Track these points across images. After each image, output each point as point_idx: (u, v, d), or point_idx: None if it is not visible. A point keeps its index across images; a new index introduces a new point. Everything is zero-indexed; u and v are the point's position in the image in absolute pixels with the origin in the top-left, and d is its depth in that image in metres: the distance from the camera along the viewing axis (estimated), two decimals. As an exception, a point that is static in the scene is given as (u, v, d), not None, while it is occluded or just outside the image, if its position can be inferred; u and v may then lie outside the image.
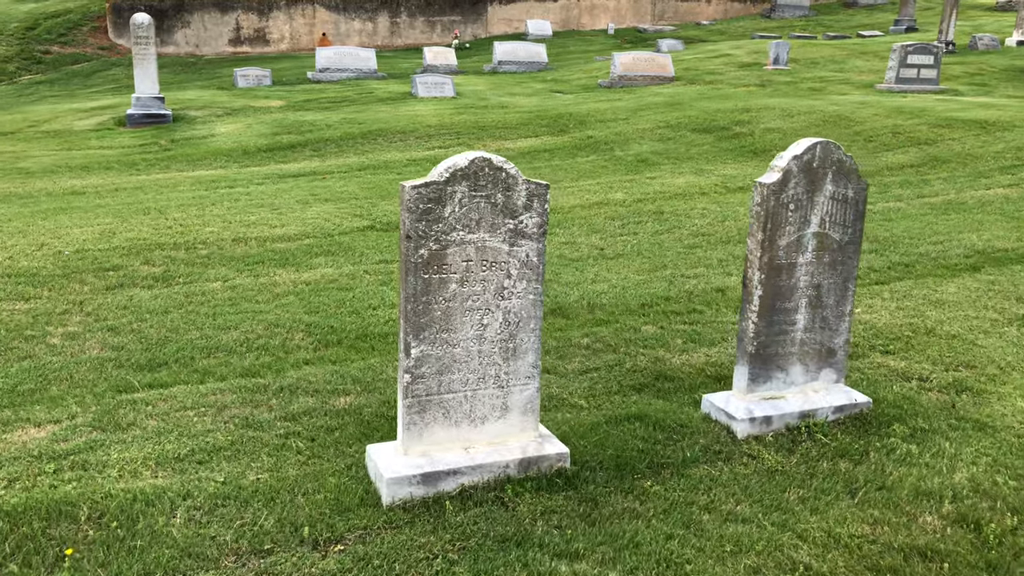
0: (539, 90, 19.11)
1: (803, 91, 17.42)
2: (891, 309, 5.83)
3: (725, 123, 13.51)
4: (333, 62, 21.33)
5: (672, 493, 3.43)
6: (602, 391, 4.51)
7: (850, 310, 4.08)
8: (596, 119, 14.50)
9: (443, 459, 3.36)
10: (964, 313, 5.71)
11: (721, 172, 11.01)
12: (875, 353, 4.99)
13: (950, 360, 4.86)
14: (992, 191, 9.91)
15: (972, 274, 6.76)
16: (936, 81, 17.86)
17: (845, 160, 3.87)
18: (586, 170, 11.35)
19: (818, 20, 35.51)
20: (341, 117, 15.02)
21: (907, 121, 13.13)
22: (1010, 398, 4.34)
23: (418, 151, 12.74)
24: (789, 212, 3.80)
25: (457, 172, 3.18)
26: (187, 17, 27.71)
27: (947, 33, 23.60)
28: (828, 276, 3.98)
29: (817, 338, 4.04)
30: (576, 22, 33.74)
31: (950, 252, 7.47)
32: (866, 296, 6.17)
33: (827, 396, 4.07)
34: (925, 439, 3.88)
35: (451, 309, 3.28)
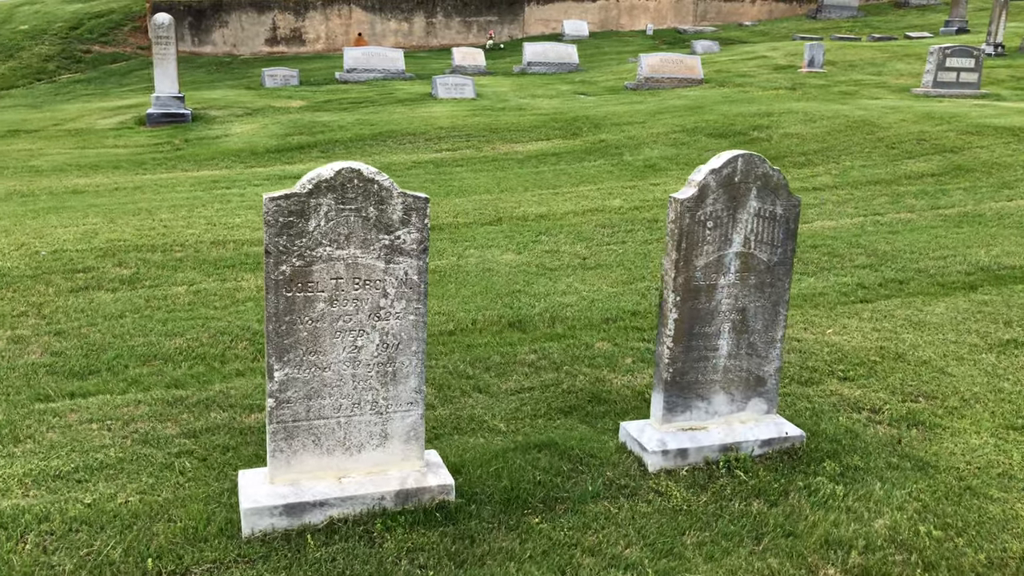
0: (563, 92, 18.84)
1: (834, 95, 16.85)
2: (866, 331, 5.47)
3: (743, 128, 13.09)
4: (361, 63, 21.34)
5: (558, 532, 3.18)
6: (528, 414, 4.27)
7: (781, 336, 3.78)
8: (612, 123, 14.19)
9: (312, 489, 3.16)
10: (944, 337, 5.33)
11: (729, 179, 10.62)
12: (832, 379, 4.66)
13: (911, 389, 4.51)
14: (1014, 203, 9.38)
15: (967, 293, 6.34)
16: (977, 85, 17.13)
17: (772, 174, 3.57)
18: (590, 175, 11.07)
19: (866, 21, 34.53)
20: (356, 118, 14.96)
21: (935, 127, 12.56)
22: (964, 434, 3.98)
23: (425, 153, 12.60)
24: (707, 230, 3.52)
25: (322, 183, 2.98)
26: (225, 17, 28.04)
27: (996, 35, 22.68)
28: (755, 299, 3.68)
29: (743, 365, 3.75)
30: (615, 23, 33.35)
31: (951, 268, 7.04)
32: (844, 316, 5.81)
33: (754, 428, 3.77)
34: (856, 479, 3.57)
35: (319, 330, 3.08)
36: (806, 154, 11.71)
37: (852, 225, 8.61)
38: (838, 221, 8.78)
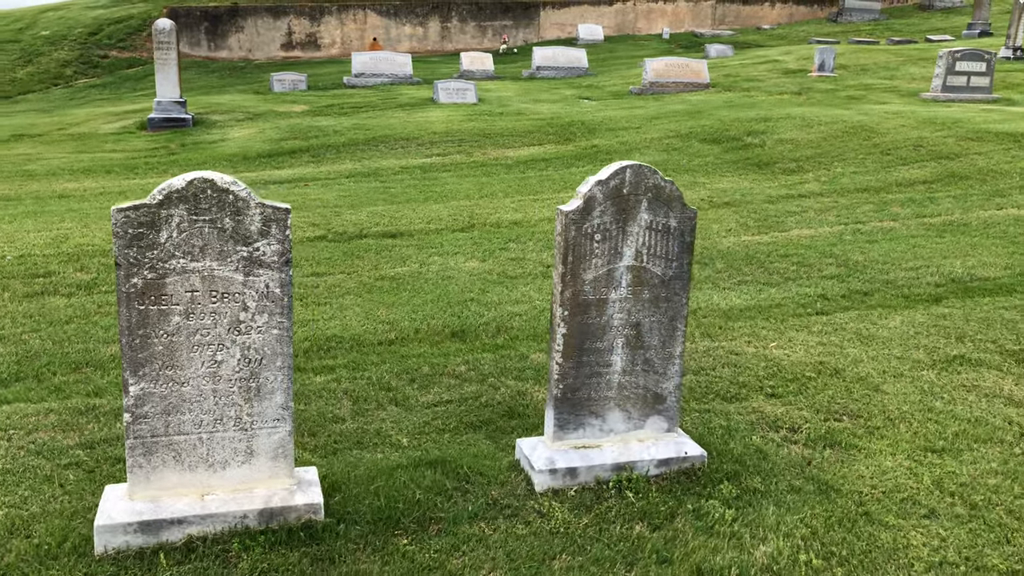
0: (567, 96, 18.72)
1: (840, 99, 16.56)
2: (811, 344, 5.30)
3: (737, 133, 12.89)
4: (368, 67, 21.39)
5: (424, 554, 3.08)
6: (436, 428, 4.17)
7: (680, 351, 3.64)
8: (607, 128, 14.05)
9: (171, 506, 3.09)
10: (889, 352, 5.15)
11: (714, 186, 10.46)
12: (759, 396, 4.50)
13: (838, 408, 4.34)
14: (1004, 211, 9.11)
15: (929, 306, 6.14)
16: (988, 90, 16.74)
17: (664, 186, 3.45)
18: (576, 181, 10.94)
19: (888, 24, 34.01)
20: (353, 123, 14.97)
21: (934, 133, 12.27)
22: (879, 456, 3.82)
23: (415, 158, 12.55)
24: (595, 243, 3.41)
25: (173, 194, 2.91)
26: (240, 22, 28.29)
27: (1015, 38, 22.18)
28: (649, 314, 3.56)
29: (640, 382, 3.63)
30: (632, 27, 33.15)
31: (921, 280, 6.83)
32: (794, 328, 5.64)
33: (652, 447, 3.64)
34: (750, 503, 3.42)
35: (176, 344, 3.02)
36: (798, 160, 11.49)
37: (831, 233, 8.41)
38: (817, 229, 8.58)
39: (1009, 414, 4.24)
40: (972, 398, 4.44)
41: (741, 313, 6.08)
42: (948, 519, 3.32)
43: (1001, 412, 4.26)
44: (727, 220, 8.88)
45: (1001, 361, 4.97)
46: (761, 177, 10.86)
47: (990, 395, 4.49)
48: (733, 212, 9.23)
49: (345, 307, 6.28)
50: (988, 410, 4.29)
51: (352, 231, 8.50)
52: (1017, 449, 3.88)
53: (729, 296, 6.50)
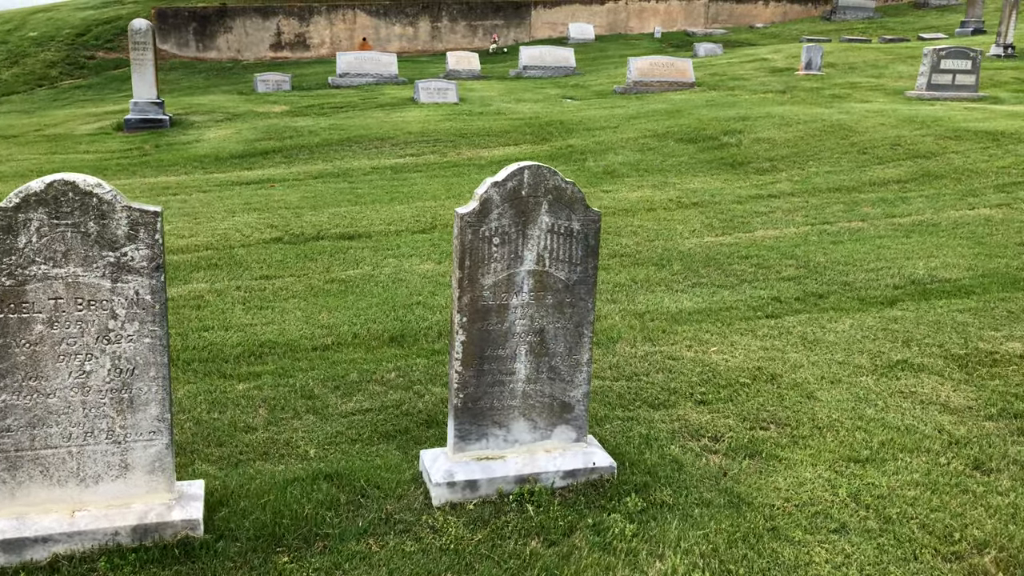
0: (551, 96, 18.58)
1: (824, 98, 16.41)
2: (753, 349, 5.16)
3: (714, 133, 12.74)
4: (353, 67, 21.27)
5: (302, 574, 2.95)
6: (348, 438, 4.04)
7: (588, 358, 3.50)
8: (585, 127, 13.91)
9: (37, 523, 2.96)
10: (831, 357, 5.00)
11: (685, 186, 10.32)
12: (688, 403, 4.36)
13: (766, 415, 4.20)
14: (975, 211, 8.96)
15: (883, 309, 5.99)
16: (975, 88, 16.57)
17: (565, 187, 3.31)
18: (546, 181, 10.79)
19: (881, 22, 33.84)
20: (330, 123, 14.84)
21: (913, 132, 12.12)
22: (799, 467, 3.68)
23: (388, 159, 12.42)
24: (494, 247, 3.27)
25: (31, 197, 2.78)
26: (229, 23, 28.18)
27: (1006, 36, 22.01)
28: (554, 320, 3.42)
29: (546, 390, 3.49)
30: (624, 26, 33.01)
31: (879, 282, 6.69)
32: (740, 332, 5.50)
33: (559, 458, 3.50)
34: (655, 517, 3.29)
35: (39, 353, 2.89)
36: (772, 159, 11.34)
37: (796, 234, 8.26)
38: (783, 230, 8.44)
39: (941, 422, 4.10)
40: (907, 405, 4.30)
41: (690, 316, 5.94)
42: (858, 534, 3.18)
43: (934, 420, 4.12)
44: (692, 221, 8.74)
45: (944, 366, 4.83)
46: (734, 177, 10.71)
47: (926, 402, 4.34)
48: (700, 212, 9.09)
49: (287, 311, 6.15)
50: (921, 418, 4.15)
51: (310, 233, 8.37)
52: (943, 459, 3.74)
53: (680, 299, 6.36)
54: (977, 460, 3.73)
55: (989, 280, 6.70)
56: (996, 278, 6.75)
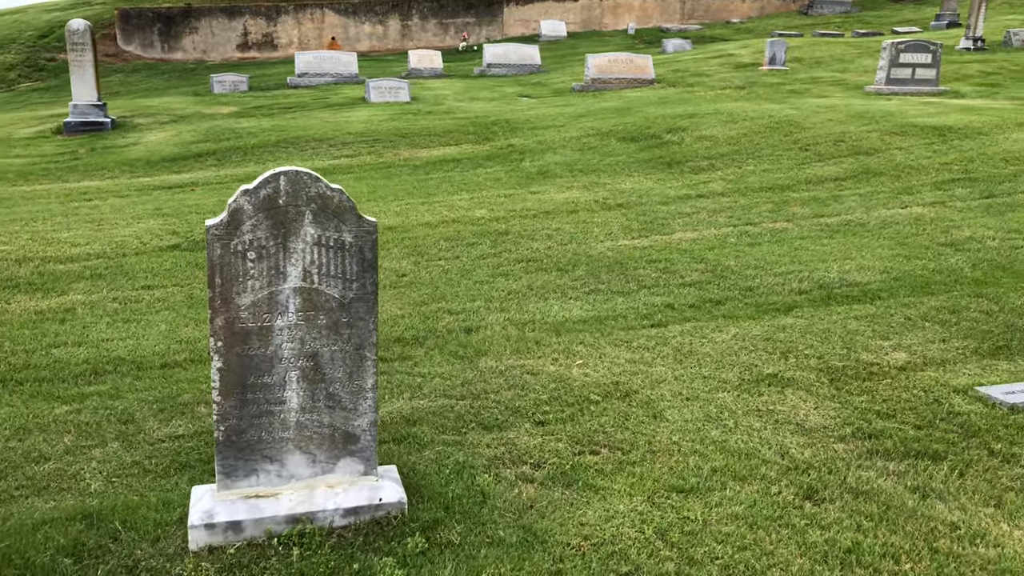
0: (507, 94, 18.27)
1: (781, 94, 16.11)
2: (620, 362, 4.85)
3: (658, 131, 12.42)
4: (312, 67, 20.93)
5: (9, 633, 2.63)
6: (144, 469, 3.72)
7: (372, 384, 3.19)
8: (530, 126, 13.59)
9: None
10: (699, 371, 4.69)
11: (616, 186, 10.00)
12: (526, 424, 4.05)
13: (602, 437, 3.89)
14: (908, 210, 8.66)
15: (777, 316, 5.69)
16: (935, 82, 16.27)
17: (331, 195, 2.99)
18: (476, 182, 10.49)
19: (858, 16, 33.56)
20: (272, 124, 14.51)
21: (860, 128, 11.81)
22: (615, 498, 3.37)
23: (323, 160, 12.10)
24: (249, 263, 2.95)
25: None
26: (194, 23, 27.81)
27: (975, 28, 21.73)
28: (330, 343, 3.10)
29: (325, 420, 3.17)
30: (598, 22, 32.69)
31: (786, 286, 6.38)
32: (615, 343, 5.19)
33: (340, 494, 3.19)
34: (432, 560, 2.97)
35: None
36: (712, 158, 11.03)
37: (715, 236, 7.96)
38: (703, 232, 8.13)
39: (788, 444, 3.79)
40: (758, 425, 3.99)
41: (574, 326, 5.63)
42: (647, 579, 2.87)
43: (780, 442, 3.81)
44: (612, 223, 8.43)
45: (815, 380, 4.52)
46: (668, 176, 10.40)
47: (780, 421, 4.03)
48: (622, 214, 8.78)
49: (153, 325, 5.83)
50: (767, 440, 3.84)
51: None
52: (775, 488, 3.43)
53: (572, 307, 6.05)
54: (811, 488, 3.42)
55: (900, 284, 6.40)
56: (908, 281, 6.45)
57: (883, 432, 3.88)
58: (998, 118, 12.13)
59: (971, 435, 3.86)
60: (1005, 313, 5.63)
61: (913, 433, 3.89)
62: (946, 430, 3.92)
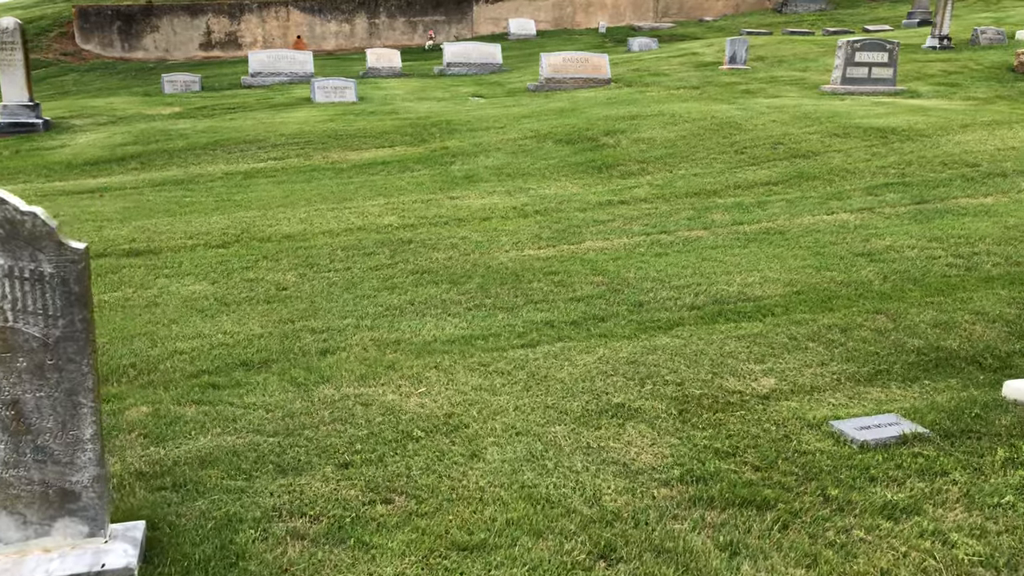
0: (460, 94, 17.88)
1: (734, 93, 15.76)
2: (465, 390, 4.46)
3: (596, 133, 12.05)
4: (266, 66, 20.50)
5: None
6: None
7: (92, 434, 2.80)
8: (471, 128, 13.21)
9: None
10: (545, 400, 4.31)
11: (539, 191, 9.62)
12: (328, 466, 3.66)
13: (403, 482, 3.50)
14: (833, 216, 8.30)
15: (655, 335, 5.32)
16: (892, 81, 15.96)
17: (22, 220, 2.60)
18: (398, 187, 10.10)
19: (832, 14, 33.27)
20: (207, 125, 14.09)
21: (802, 130, 11.47)
22: (387, 558, 2.98)
23: (247, 163, 11.69)
24: (-75, 299, 2.55)
25: None
26: (155, 22, 27.34)
27: (941, 27, 21.41)
28: (33, 389, 2.71)
29: (35, 477, 2.78)
30: (570, 20, 32.31)
31: (679, 301, 6.01)
32: (471, 368, 4.81)
33: (56, 561, 2.80)
34: (141, 640, 2.58)
35: None
36: (645, 161, 10.66)
37: (625, 245, 7.58)
38: (614, 241, 7.75)
39: (603, 491, 3.41)
40: (581, 466, 3.61)
41: (439, 347, 5.25)
42: (374, 666, 2.49)
43: (596, 489, 3.43)
44: (523, 231, 8.05)
45: (663, 411, 4.15)
46: (596, 181, 10.03)
47: (607, 461, 3.65)
48: (537, 222, 8.40)
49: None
50: (583, 484, 3.46)
51: (97, 249, 7.63)
52: (569, 545, 3.05)
53: (447, 325, 5.66)
54: (609, 545, 3.04)
55: (801, 298, 6.04)
56: (810, 295, 6.09)
57: (715, 475, 3.51)
58: (945, 120, 11.81)
59: (810, 478, 3.50)
60: (899, 332, 5.27)
61: (748, 476, 3.51)
62: (786, 472, 3.55)
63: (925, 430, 3.79)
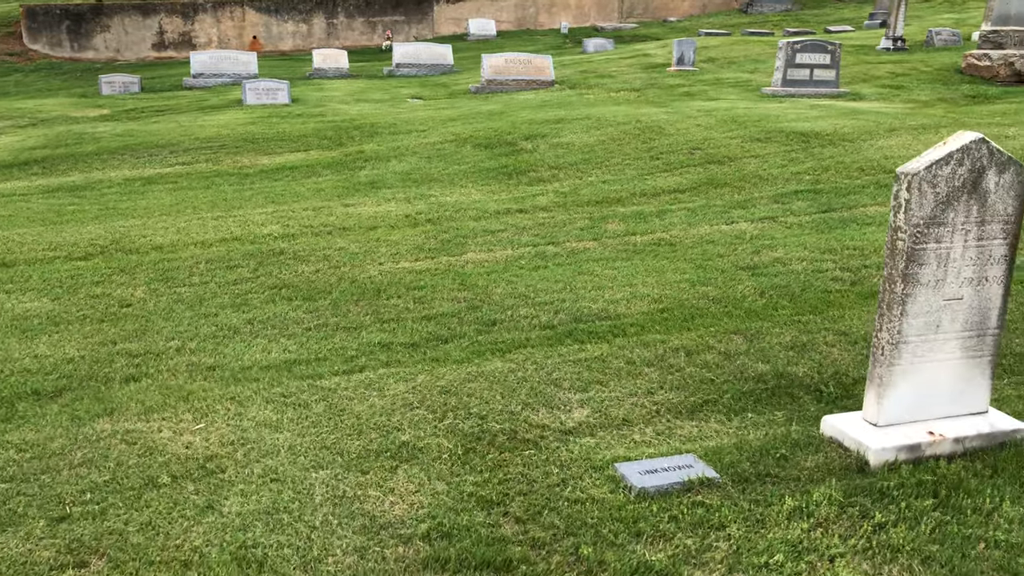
0: (400, 96, 17.49)
1: (673, 96, 15.44)
2: (243, 426, 4.10)
3: (516, 137, 11.69)
4: (208, 67, 20.06)
5: None
6: None
7: None
8: (393, 131, 12.83)
9: None
10: (327, 439, 3.94)
11: (439, 199, 9.25)
12: (42, 520, 3.27)
13: (111, 542, 3.12)
14: (733, 226, 7.97)
15: (486, 360, 4.98)
16: (835, 83, 15.68)
17: None
18: (296, 193, 9.71)
19: (797, 15, 33.07)
20: (125, 129, 13.66)
21: (725, 134, 11.15)
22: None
23: (154, 168, 11.27)
24: None
25: None
26: (106, 21, 26.80)
27: (895, 28, 21.19)
28: None
29: None
30: (533, 21, 31.98)
31: (535, 320, 5.67)
32: (272, 398, 4.44)
33: None
34: None
35: None
36: (558, 167, 10.31)
37: (507, 257, 7.23)
38: (497, 252, 7.39)
39: (332, 550, 3.04)
40: (324, 519, 3.24)
41: (257, 373, 4.88)
42: None
43: (325, 547, 3.06)
44: (407, 242, 7.68)
45: (450, 450, 3.79)
46: (502, 188, 9.67)
47: (357, 514, 3.28)
48: (424, 231, 8.03)
49: None
50: (313, 543, 3.09)
51: (-53, 262, 7.21)
52: (257, 621, 2.68)
53: (276, 348, 5.29)
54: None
55: (663, 316, 5.70)
56: (674, 312, 5.75)
57: (466, 529, 3.15)
58: (874, 123, 11.52)
59: (571, 532, 3.14)
60: (748, 356, 4.93)
61: (503, 531, 3.16)
62: (547, 525, 3.19)
63: (716, 475, 3.44)
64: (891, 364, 3.57)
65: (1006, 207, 3.53)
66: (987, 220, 3.52)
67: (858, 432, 3.64)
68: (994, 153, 3.46)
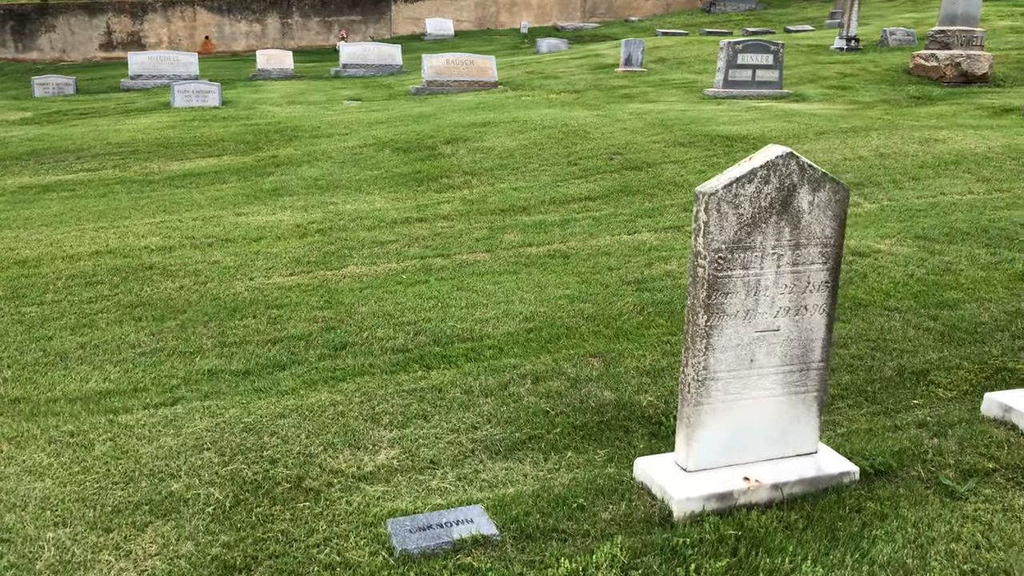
0: (337, 97, 17.05)
1: (612, 98, 15.10)
2: (3, 476, 3.67)
3: (436, 142, 11.30)
4: (147, 68, 19.52)
5: None
6: None
7: None
8: (314, 134, 12.40)
9: None
10: (85, 490, 3.53)
11: (340, 207, 8.84)
12: None
13: None
14: (636, 236, 7.62)
15: (318, 390, 4.58)
16: (778, 84, 15.40)
17: None
18: (194, 202, 9.26)
19: (760, 14, 32.85)
20: (37, 133, 13.15)
21: (649, 138, 10.80)
22: None
23: (56, 175, 10.79)
24: None
25: None
26: (51, 21, 26.16)
27: (848, 28, 20.96)
28: None
29: None
30: (494, 20, 31.59)
31: (391, 342, 5.32)
32: (50, 440, 4.02)
33: None
34: None
35: None
36: (474, 173, 9.92)
37: (388, 271, 6.83)
38: (380, 266, 7.00)
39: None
40: (28, 594, 2.83)
41: (62, 406, 4.48)
42: None
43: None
44: (287, 254, 7.27)
45: (217, 501, 3.39)
46: (410, 195, 9.27)
47: (70, 585, 2.88)
48: (310, 242, 7.62)
49: None
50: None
51: None
52: None
53: (95, 376, 4.89)
54: None
55: (529, 336, 5.34)
56: (542, 332, 5.39)
57: (189, 604, 2.75)
58: (805, 126, 11.21)
59: (308, 607, 2.75)
60: (596, 383, 4.57)
61: (232, 605, 2.76)
62: (284, 598, 2.80)
63: (495, 532, 3.06)
64: (698, 403, 3.21)
65: (823, 228, 3.17)
66: (802, 243, 3.16)
67: (665, 478, 3.27)
68: (805, 169, 3.10)
